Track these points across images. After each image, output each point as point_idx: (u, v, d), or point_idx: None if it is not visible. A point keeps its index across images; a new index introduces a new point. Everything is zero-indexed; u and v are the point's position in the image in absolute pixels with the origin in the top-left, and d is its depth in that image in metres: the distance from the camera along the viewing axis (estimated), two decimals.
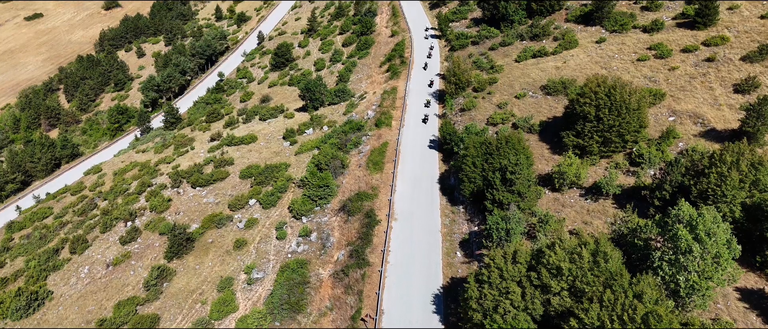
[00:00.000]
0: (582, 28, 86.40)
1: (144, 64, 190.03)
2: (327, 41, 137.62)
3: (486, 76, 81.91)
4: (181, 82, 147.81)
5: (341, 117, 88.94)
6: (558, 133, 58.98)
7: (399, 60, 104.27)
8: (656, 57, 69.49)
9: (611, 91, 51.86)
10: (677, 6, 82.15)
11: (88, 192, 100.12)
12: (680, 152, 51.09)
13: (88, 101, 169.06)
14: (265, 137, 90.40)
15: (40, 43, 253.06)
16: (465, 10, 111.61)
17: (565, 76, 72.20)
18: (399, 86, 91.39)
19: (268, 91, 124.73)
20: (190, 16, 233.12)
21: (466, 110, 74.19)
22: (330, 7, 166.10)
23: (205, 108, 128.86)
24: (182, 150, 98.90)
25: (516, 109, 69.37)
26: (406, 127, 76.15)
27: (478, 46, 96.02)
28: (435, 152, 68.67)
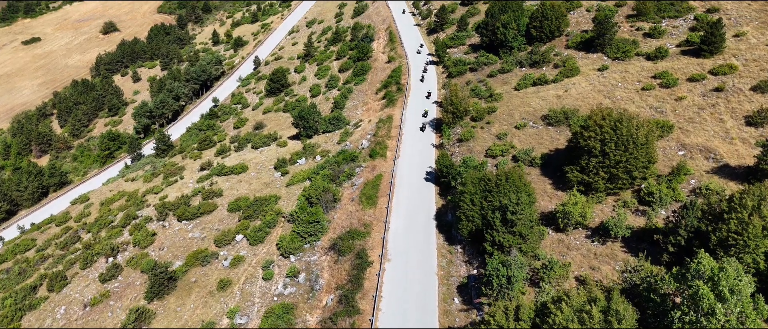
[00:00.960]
0: (583, 55, 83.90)
1: (139, 89, 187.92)
2: (323, 66, 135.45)
3: (485, 104, 79.08)
4: (174, 107, 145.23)
5: (335, 146, 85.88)
6: (561, 167, 55.77)
7: (395, 87, 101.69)
8: (662, 86, 66.66)
9: (617, 125, 48.78)
10: (681, 33, 79.81)
11: (73, 223, 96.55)
12: (693, 190, 47.80)
13: (81, 126, 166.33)
14: (256, 167, 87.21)
15: (36, 67, 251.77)
16: (463, 35, 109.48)
17: (566, 105, 69.30)
18: (395, 114, 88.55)
19: (262, 117, 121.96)
20: (188, 41, 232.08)
21: (464, 141, 71.11)
22: (327, 32, 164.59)
23: (198, 134, 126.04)
24: (171, 179, 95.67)
25: (516, 141, 66.28)
26: (401, 158, 73.00)
27: (476, 73, 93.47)
28: (431, 185, 65.38)
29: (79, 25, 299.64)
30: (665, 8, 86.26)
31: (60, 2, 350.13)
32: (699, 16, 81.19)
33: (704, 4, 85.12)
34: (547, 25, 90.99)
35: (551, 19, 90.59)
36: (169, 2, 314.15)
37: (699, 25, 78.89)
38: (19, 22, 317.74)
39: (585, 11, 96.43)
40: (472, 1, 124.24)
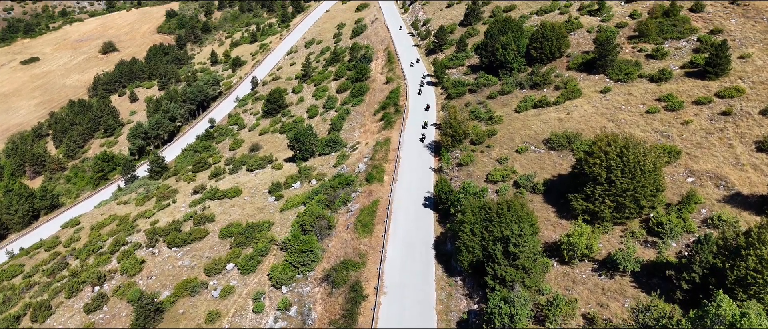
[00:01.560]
0: (585, 77, 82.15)
1: (136, 109, 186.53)
2: (321, 87, 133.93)
3: (484, 127, 77.05)
4: (170, 128, 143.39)
5: (331, 169, 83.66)
6: (564, 193, 53.42)
7: (393, 108, 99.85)
8: (667, 109, 64.66)
9: (623, 151, 46.59)
10: (684, 54, 78.18)
11: (62, 248, 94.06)
12: (704, 220, 45.43)
13: (76, 147, 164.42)
14: (250, 191, 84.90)
15: (34, 86, 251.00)
16: (462, 57, 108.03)
17: (569, 128, 67.23)
18: (392, 137, 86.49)
19: (258, 138, 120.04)
20: (186, 61, 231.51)
21: (464, 165, 68.91)
22: (325, 52, 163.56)
23: (193, 156, 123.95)
24: (164, 203, 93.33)
25: (517, 165, 64.06)
26: (398, 183, 70.71)
27: (475, 95, 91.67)
28: (430, 211, 62.99)
29: (79, 44, 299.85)
30: (667, 29, 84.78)
31: (60, 22, 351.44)
32: (702, 38, 79.67)
33: (707, 25, 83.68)
34: (547, 46, 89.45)
35: (551, 40, 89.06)
36: (169, 22, 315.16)
37: (703, 47, 77.32)
38: (18, 41, 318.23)
39: (585, 32, 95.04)
40: (471, 22, 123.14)
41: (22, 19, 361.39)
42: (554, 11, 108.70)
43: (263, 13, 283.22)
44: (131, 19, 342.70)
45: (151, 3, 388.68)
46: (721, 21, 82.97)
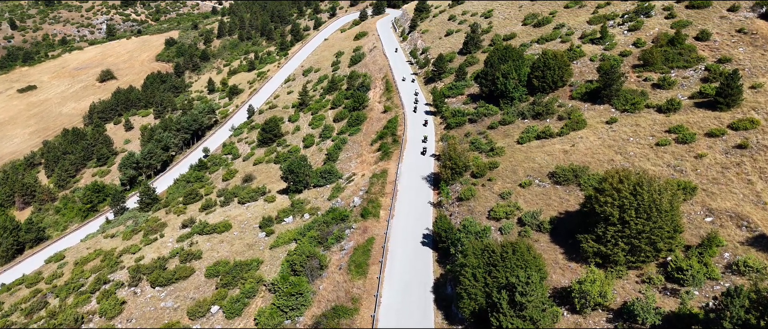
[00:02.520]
0: (589, 107, 79.11)
1: (130, 138, 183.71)
2: (318, 116, 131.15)
3: (485, 159, 73.62)
4: (163, 158, 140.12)
5: (325, 202, 79.91)
6: (573, 233, 49.69)
7: (391, 138, 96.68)
8: (678, 141, 61.30)
9: (637, 189, 43.00)
10: (692, 84, 75.28)
11: (44, 284, 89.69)
12: (728, 266, 41.54)
13: (68, 177, 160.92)
14: (240, 225, 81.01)
15: (30, 115, 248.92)
16: (461, 85, 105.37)
17: (575, 161, 63.78)
18: (390, 169, 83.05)
19: (252, 168, 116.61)
20: (183, 89, 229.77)
21: (464, 200, 65.20)
22: (323, 81, 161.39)
23: (185, 187, 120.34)
24: (151, 237, 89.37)
25: (521, 201, 60.37)
26: (395, 218, 66.92)
27: (475, 124, 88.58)
28: (428, 250, 59.08)
29: (77, 73, 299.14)
30: (673, 58, 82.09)
31: (59, 51, 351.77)
32: (710, 67, 76.89)
33: (714, 54, 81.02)
34: (549, 75, 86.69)
35: (554, 69, 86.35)
36: (168, 50, 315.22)
37: (711, 76, 74.50)
38: (16, 70, 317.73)
39: (588, 60, 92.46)
40: (470, 50, 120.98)
41: (21, 48, 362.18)
42: (555, 39, 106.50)
43: (262, 41, 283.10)
44: (131, 48, 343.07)
45: (152, 32, 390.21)
46: (729, 50, 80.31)
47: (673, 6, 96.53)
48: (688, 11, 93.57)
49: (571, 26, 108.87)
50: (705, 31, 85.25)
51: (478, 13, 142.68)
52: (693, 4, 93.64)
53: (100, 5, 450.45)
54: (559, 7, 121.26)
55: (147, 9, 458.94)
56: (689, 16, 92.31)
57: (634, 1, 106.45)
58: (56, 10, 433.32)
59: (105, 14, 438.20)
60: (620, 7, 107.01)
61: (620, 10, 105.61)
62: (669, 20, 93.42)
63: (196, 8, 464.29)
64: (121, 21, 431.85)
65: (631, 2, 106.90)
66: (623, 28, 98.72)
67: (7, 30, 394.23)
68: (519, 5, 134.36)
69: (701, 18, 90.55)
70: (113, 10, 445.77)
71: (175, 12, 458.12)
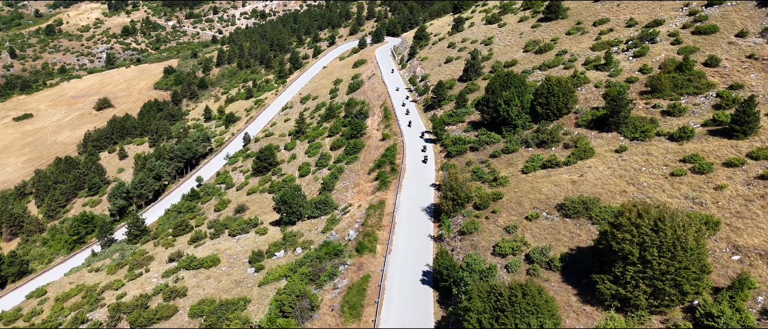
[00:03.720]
0: (596, 135, 75.54)
1: (124, 167, 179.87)
2: (315, 144, 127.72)
3: (489, 189, 69.61)
4: (155, 187, 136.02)
5: (319, 235, 75.60)
6: (586, 271, 45.46)
7: (389, 167, 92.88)
8: (694, 171, 57.45)
9: (659, 224, 38.96)
10: (704, 111, 71.86)
11: (22, 322, 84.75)
12: (763, 311, 37.21)
13: (58, 207, 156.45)
14: (229, 259, 76.51)
15: (24, 143, 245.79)
16: (462, 113, 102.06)
17: (584, 192, 59.83)
18: (388, 199, 78.98)
19: (245, 198, 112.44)
20: (180, 117, 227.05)
21: (467, 233, 61.01)
22: (321, 108, 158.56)
23: (176, 217, 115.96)
24: (136, 272, 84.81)
25: (528, 235, 56.17)
26: (393, 253, 62.58)
27: (477, 153, 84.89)
28: (428, 290, 54.60)
29: (74, 101, 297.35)
30: (682, 84, 78.92)
31: (58, 79, 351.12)
32: (722, 93, 73.62)
33: (725, 80, 77.87)
34: (553, 102, 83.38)
35: (558, 95, 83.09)
36: (166, 78, 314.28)
37: (724, 103, 71.12)
38: (13, 98, 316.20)
39: (593, 87, 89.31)
40: (470, 77, 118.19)
41: (20, 77, 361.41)
42: (558, 66, 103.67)
43: (261, 69, 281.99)
44: (129, 76, 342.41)
45: (151, 60, 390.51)
46: (740, 76, 77.17)
47: (679, 32, 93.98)
48: (694, 37, 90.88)
49: (574, 53, 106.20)
50: (714, 56, 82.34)
51: (478, 41, 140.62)
52: (699, 29, 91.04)
53: (101, 34, 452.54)
54: (561, 34, 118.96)
55: (147, 38, 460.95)
56: (696, 42, 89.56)
57: (637, 28, 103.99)
58: (57, 39, 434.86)
59: (105, 43, 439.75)
60: (623, 34, 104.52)
61: (624, 37, 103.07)
62: (675, 46, 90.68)
63: (197, 37, 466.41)
64: (122, 50, 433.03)
65: (634, 29, 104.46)
66: (628, 54, 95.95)
67: (7, 59, 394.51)
68: (519, 32, 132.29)
69: (708, 44, 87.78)
70: (114, 39, 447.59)
71: (175, 41, 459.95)
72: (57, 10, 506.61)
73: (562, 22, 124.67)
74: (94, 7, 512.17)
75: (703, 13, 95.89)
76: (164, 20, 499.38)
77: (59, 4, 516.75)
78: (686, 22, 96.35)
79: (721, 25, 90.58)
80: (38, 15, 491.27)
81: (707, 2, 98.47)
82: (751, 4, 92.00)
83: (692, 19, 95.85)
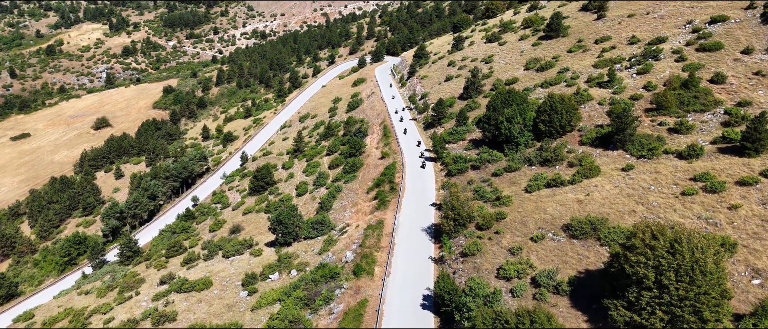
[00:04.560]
0: (601, 153, 73.33)
1: (120, 186, 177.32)
2: (313, 163, 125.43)
3: (491, 209, 67.11)
4: (150, 207, 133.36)
5: (315, 257, 72.85)
6: (597, 297, 42.83)
7: (389, 186, 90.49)
8: (706, 190, 55.07)
9: (675, 246, 36.47)
10: (712, 128, 69.78)
11: None
12: None
13: (51, 227, 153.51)
14: (222, 282, 73.63)
15: (20, 163, 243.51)
16: (463, 130, 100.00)
17: (591, 212, 57.37)
18: (386, 219, 76.43)
19: (241, 218, 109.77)
20: (178, 136, 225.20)
21: (469, 255, 58.37)
22: (319, 127, 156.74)
23: (170, 238, 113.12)
24: (126, 295, 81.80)
25: (534, 257, 53.54)
26: (392, 276, 59.87)
27: (479, 171, 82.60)
28: (430, 316, 51.81)
29: (72, 121, 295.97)
30: (689, 101, 77.00)
31: (57, 99, 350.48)
32: (730, 110, 71.62)
33: (733, 97, 75.96)
34: (556, 119, 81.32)
35: (561, 113, 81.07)
36: (165, 98, 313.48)
37: (733, 120, 69.09)
38: (12, 117, 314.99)
39: (597, 104, 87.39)
40: (471, 95, 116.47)
41: (19, 96, 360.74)
42: (560, 83, 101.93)
43: (261, 89, 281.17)
44: (129, 95, 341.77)
45: (151, 80, 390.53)
46: (748, 93, 75.27)
47: (683, 49, 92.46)
48: (699, 54, 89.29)
49: (576, 70, 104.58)
50: (720, 73, 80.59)
51: (478, 59, 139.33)
52: (703, 46, 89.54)
53: (102, 54, 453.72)
54: (562, 51, 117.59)
55: (148, 58, 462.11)
56: (700, 59, 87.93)
57: (640, 45, 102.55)
58: (57, 59, 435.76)
59: (105, 63, 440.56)
60: (626, 51, 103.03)
61: (626, 54, 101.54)
62: (679, 63, 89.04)
63: (197, 57, 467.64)
64: (121, 69, 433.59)
65: (636, 46, 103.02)
66: (631, 71, 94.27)
67: (7, 78, 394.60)
68: (520, 50, 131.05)
69: (714, 61, 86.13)
70: (114, 59, 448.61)
71: (175, 61, 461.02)
72: (58, 30, 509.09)
73: (563, 39, 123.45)
74: (96, 28, 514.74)
75: (707, 30, 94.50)
76: (165, 40, 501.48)
77: (61, 24, 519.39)
78: (690, 39, 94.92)
79: (726, 41, 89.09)
80: (39, 35, 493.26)
81: (710, 19, 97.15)
82: (756, 21, 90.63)
83: (696, 37, 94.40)
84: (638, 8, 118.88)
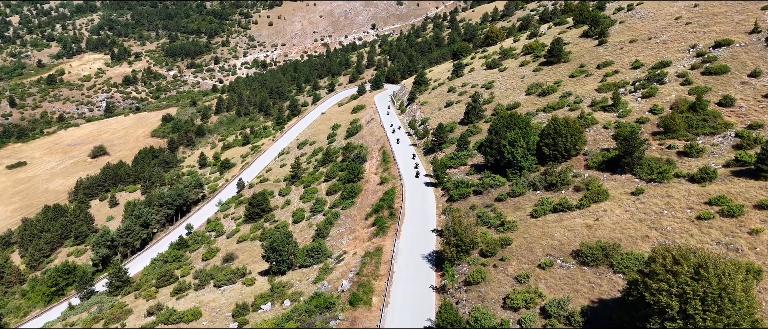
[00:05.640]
0: (609, 177, 70.46)
1: (114, 215, 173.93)
2: (310, 189, 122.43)
3: (496, 235, 63.89)
4: (142, 235, 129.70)
5: (310, 286, 69.20)
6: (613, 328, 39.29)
7: (387, 212, 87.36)
8: (723, 215, 52.03)
9: (701, 272, 33.28)
10: (724, 151, 67.11)
11: None
12: None
13: (41, 257, 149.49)
14: (212, 313, 69.81)
15: (15, 191, 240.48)
16: (464, 155, 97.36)
17: (602, 237, 54.19)
18: (385, 246, 73.07)
19: (235, 247, 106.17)
20: (175, 164, 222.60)
21: (473, 284, 54.91)
22: (318, 153, 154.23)
23: (162, 267, 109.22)
24: (112, 327, 77.74)
25: (542, 285, 50.13)
26: (390, 306, 56.28)
27: (481, 197, 79.56)
28: None
29: (69, 149, 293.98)
30: (697, 124, 74.56)
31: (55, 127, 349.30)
32: (741, 133, 69.10)
33: (743, 120, 73.57)
34: (561, 143, 78.69)
35: (566, 136, 78.49)
36: (164, 126, 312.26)
37: (745, 143, 66.49)
38: (9, 146, 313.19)
39: (602, 128, 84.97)
40: (472, 120, 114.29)
41: (18, 125, 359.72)
42: (563, 108, 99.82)
43: (260, 117, 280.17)
44: (127, 124, 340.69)
45: (150, 109, 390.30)
46: (759, 115, 72.94)
47: (688, 73, 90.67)
48: (705, 78, 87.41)
49: (579, 94, 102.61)
50: (728, 96, 78.49)
51: (479, 85, 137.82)
52: (709, 70, 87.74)
53: (102, 84, 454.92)
54: (564, 76, 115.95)
55: (148, 87, 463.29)
56: (706, 82, 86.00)
57: (643, 69, 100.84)
58: (58, 88, 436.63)
59: (106, 92, 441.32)
60: (630, 75, 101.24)
61: (630, 78, 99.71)
62: (685, 87, 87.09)
63: (197, 86, 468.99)
64: (122, 98, 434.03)
65: (640, 70, 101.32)
66: (636, 95, 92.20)
67: (6, 107, 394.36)
68: (521, 76, 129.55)
69: (720, 84, 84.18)
70: (114, 88, 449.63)
71: (175, 90, 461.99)
72: (60, 60, 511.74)
73: (564, 65, 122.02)
74: (97, 58, 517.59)
75: (712, 54, 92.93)
76: (166, 70, 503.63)
77: (63, 54, 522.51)
78: (694, 63, 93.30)
79: (732, 65, 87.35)
80: (41, 65, 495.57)
81: (714, 44, 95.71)
82: (761, 45, 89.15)
83: (700, 61, 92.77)
84: (640, 34, 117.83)
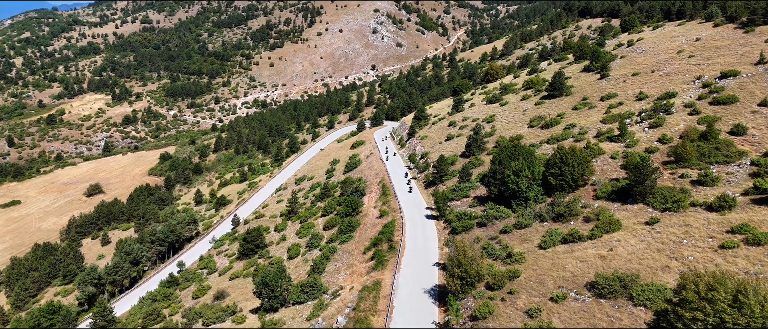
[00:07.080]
0: (620, 207, 66.96)
1: (105, 253, 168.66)
2: (307, 224, 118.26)
3: (503, 267, 59.85)
4: (132, 273, 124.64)
5: (303, 323, 64.57)
6: None
7: (387, 245, 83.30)
8: (748, 243, 48.41)
9: (740, 298, 29.39)
10: (740, 180, 63.97)
11: None
12: None
13: (28, 296, 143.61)
14: None
15: (7, 230, 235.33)
16: (466, 187, 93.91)
17: (618, 268, 50.29)
18: (384, 280, 68.78)
19: (227, 284, 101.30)
20: (170, 201, 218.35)
21: (480, 318, 50.60)
22: (316, 188, 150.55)
23: (150, 306, 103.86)
24: None
25: (556, 319, 45.90)
26: None
27: (485, 229, 75.77)
28: None
29: (65, 188, 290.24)
30: (710, 153, 71.63)
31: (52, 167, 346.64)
32: (757, 161, 66.09)
33: (757, 148, 70.71)
34: (567, 172, 75.45)
35: (573, 166, 75.32)
36: (161, 164, 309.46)
37: (762, 170, 63.33)
38: (4, 185, 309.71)
39: (609, 158, 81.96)
40: (473, 152, 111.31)
41: (15, 164, 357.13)
42: (567, 139, 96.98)
43: (258, 154, 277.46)
44: (125, 163, 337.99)
45: (149, 147, 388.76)
46: None
47: (695, 103, 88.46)
48: (713, 107, 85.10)
49: (583, 126, 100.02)
50: (740, 125, 75.87)
51: (480, 119, 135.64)
52: (717, 100, 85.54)
53: (102, 123, 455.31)
54: (567, 109, 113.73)
55: (148, 126, 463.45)
56: (715, 111, 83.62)
57: (648, 101, 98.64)
58: (57, 128, 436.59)
59: (105, 132, 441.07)
60: (635, 107, 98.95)
61: (635, 109, 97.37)
62: (693, 116, 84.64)
63: (197, 125, 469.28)
64: (121, 138, 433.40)
65: (645, 101, 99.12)
66: (643, 125, 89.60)
67: (4, 147, 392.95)
68: (523, 109, 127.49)
69: (730, 113, 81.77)
70: (114, 127, 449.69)
71: (175, 129, 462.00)
72: (61, 100, 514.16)
73: (566, 98, 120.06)
74: (98, 98, 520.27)
75: (719, 84, 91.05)
76: (166, 109, 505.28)
77: (64, 95, 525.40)
78: (701, 93, 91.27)
79: (740, 95, 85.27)
80: (42, 105, 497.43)
81: (721, 74, 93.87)
82: None
83: (707, 91, 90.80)
84: (642, 67, 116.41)
